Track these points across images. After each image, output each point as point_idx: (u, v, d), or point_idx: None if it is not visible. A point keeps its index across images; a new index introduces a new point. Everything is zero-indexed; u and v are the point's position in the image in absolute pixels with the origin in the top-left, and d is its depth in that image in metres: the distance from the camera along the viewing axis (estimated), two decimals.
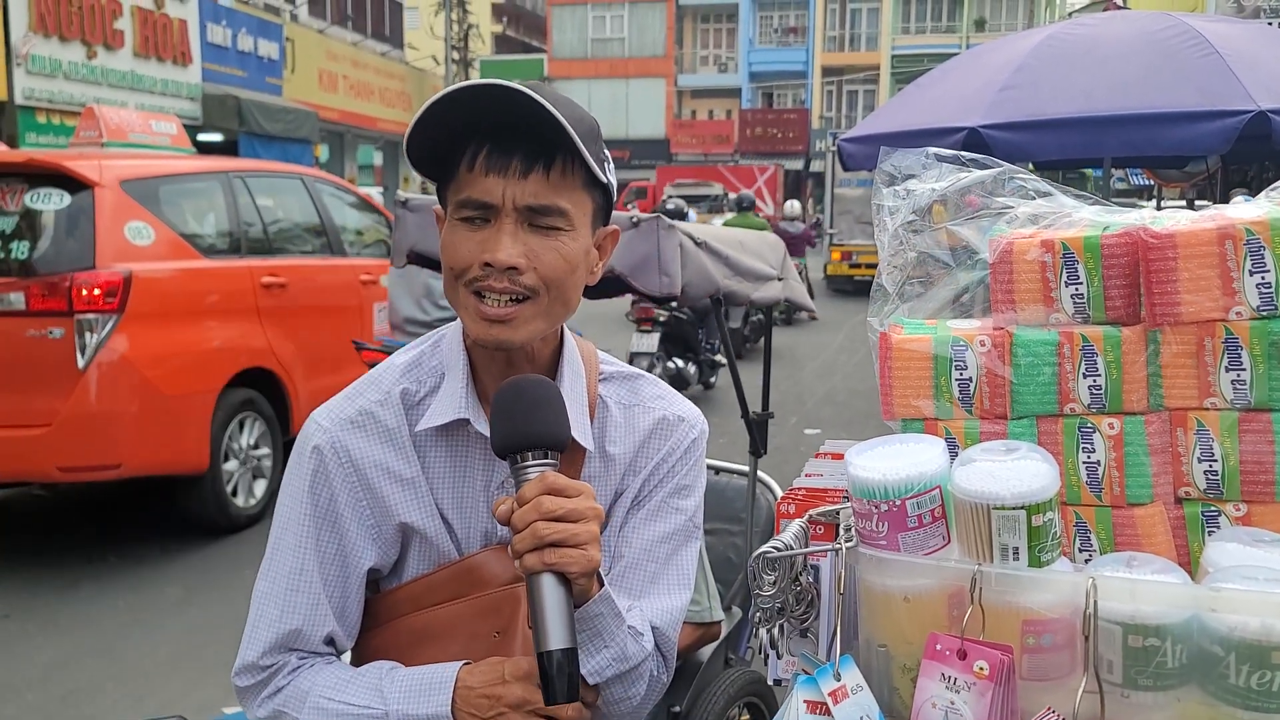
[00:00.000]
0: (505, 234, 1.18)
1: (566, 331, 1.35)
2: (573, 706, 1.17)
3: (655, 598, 1.32)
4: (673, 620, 1.33)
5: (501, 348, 1.23)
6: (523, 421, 1.15)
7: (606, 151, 1.27)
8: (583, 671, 1.19)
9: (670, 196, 18.98)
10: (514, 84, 1.15)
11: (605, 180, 1.24)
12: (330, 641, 1.30)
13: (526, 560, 1.10)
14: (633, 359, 8.38)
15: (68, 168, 5.24)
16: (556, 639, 1.08)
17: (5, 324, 4.93)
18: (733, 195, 17.36)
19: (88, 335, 4.94)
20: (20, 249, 5.09)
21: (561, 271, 1.22)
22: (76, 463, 5.06)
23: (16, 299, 4.92)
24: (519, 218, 1.18)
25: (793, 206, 17.00)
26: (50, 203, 5.18)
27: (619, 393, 1.39)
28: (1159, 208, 5.10)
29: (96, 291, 4.97)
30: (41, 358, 4.93)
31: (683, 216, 12.55)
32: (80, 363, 4.92)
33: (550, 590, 1.10)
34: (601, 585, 1.21)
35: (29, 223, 5.17)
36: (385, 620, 1.32)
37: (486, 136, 1.18)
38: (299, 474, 1.29)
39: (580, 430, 1.30)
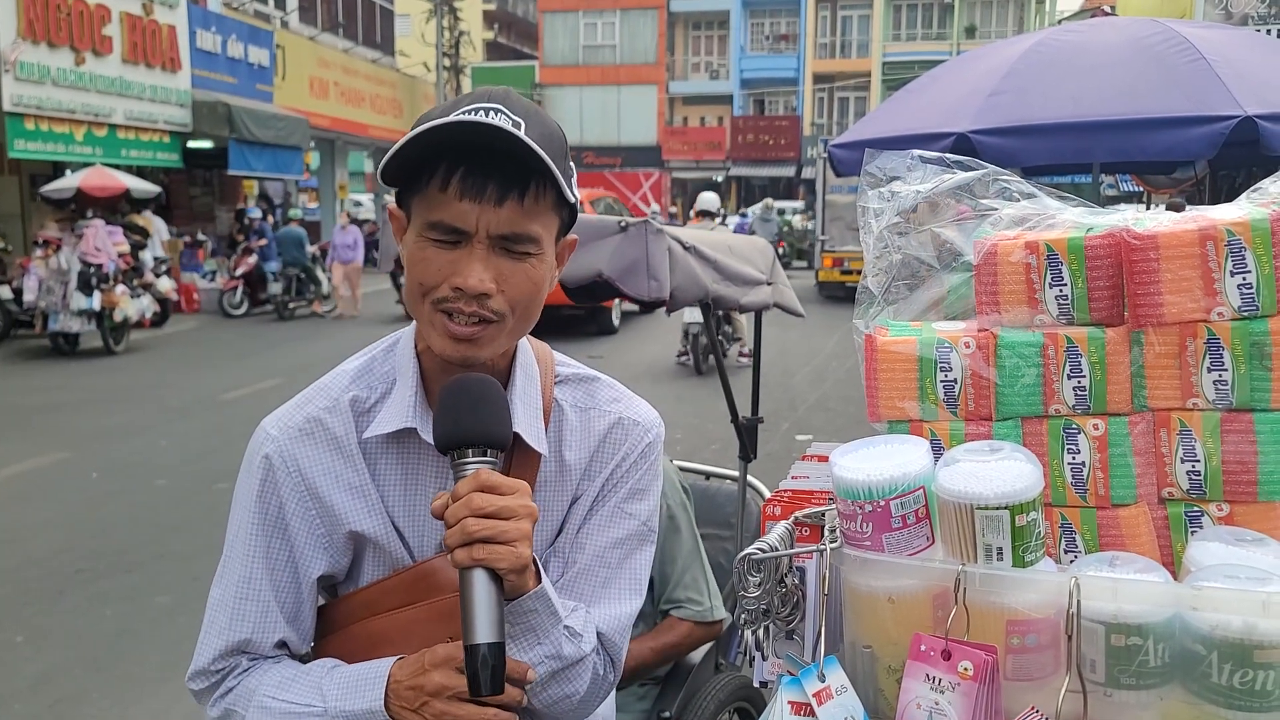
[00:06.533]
0: (476, 259, 1.17)
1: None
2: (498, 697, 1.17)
3: (606, 604, 1.32)
4: (620, 626, 1.33)
5: (466, 365, 1.23)
6: (463, 418, 1.16)
7: (571, 164, 1.27)
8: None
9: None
10: (494, 119, 1.14)
11: (572, 198, 1.25)
12: (282, 645, 1.30)
13: (456, 555, 1.12)
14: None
15: None
16: (483, 633, 1.10)
17: None
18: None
19: None
20: None
21: (529, 294, 1.22)
22: None
23: None
24: (491, 244, 1.18)
25: (708, 198, 14.72)
26: None
27: (574, 395, 1.38)
28: None
29: None
30: None
31: None
32: None
33: (480, 585, 1.11)
34: (538, 582, 1.21)
35: None
36: (341, 626, 1.32)
37: (460, 157, 1.17)
38: (249, 483, 1.29)
39: (534, 435, 1.29)
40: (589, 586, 1.32)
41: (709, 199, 14.13)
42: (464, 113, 1.16)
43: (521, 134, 1.14)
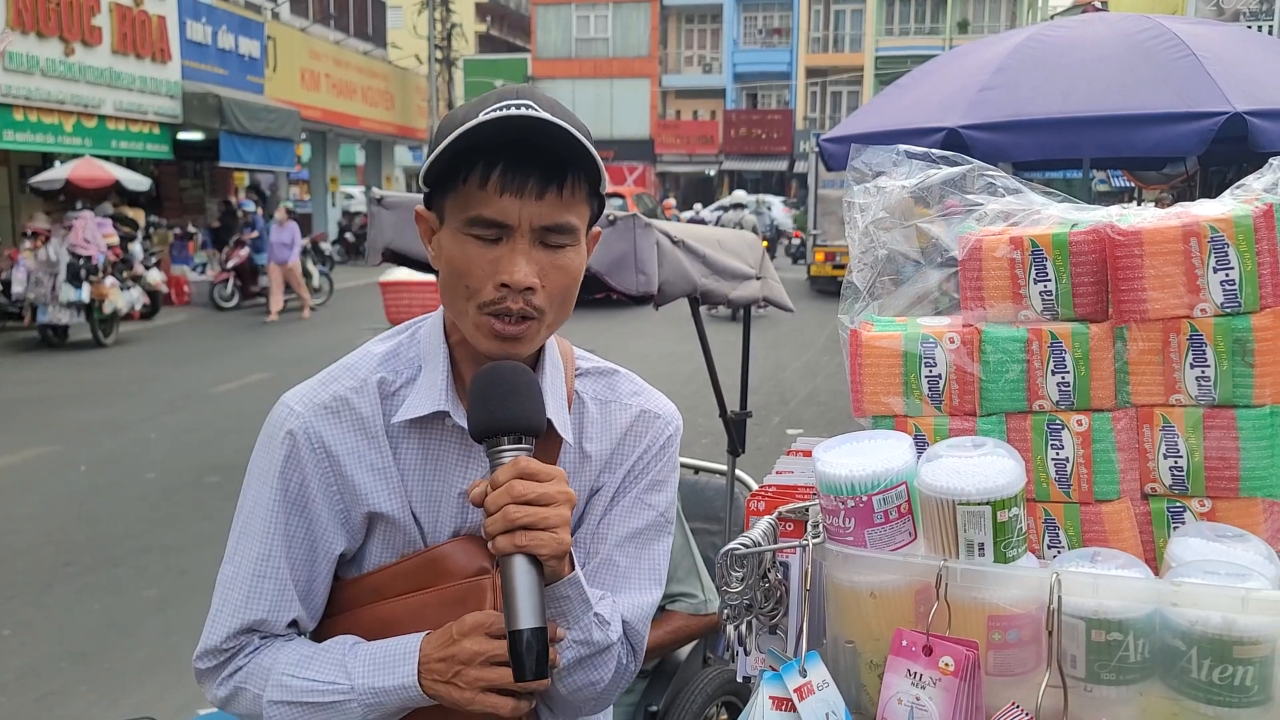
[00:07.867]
0: (520, 254, 1.19)
1: None
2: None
3: (627, 593, 1.34)
4: (643, 615, 1.34)
5: (510, 359, 1.24)
6: (498, 406, 1.17)
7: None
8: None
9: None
10: (542, 113, 1.16)
11: (601, 190, 1.27)
12: (293, 624, 1.30)
13: (498, 542, 1.13)
14: None
15: None
16: (527, 618, 1.11)
17: None
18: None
19: None
20: None
21: (569, 287, 1.25)
22: None
23: None
24: (533, 237, 1.20)
25: (740, 194, 19.69)
26: None
27: (595, 388, 1.40)
28: None
29: None
30: None
31: None
32: None
33: (522, 571, 1.12)
34: (573, 568, 1.22)
35: None
36: (348, 609, 1.32)
37: (499, 153, 1.17)
38: (269, 458, 1.28)
39: (561, 424, 1.31)
40: (609, 577, 1.33)
41: (740, 194, 20.19)
42: (494, 110, 1.17)
43: (572, 128, 1.16)
